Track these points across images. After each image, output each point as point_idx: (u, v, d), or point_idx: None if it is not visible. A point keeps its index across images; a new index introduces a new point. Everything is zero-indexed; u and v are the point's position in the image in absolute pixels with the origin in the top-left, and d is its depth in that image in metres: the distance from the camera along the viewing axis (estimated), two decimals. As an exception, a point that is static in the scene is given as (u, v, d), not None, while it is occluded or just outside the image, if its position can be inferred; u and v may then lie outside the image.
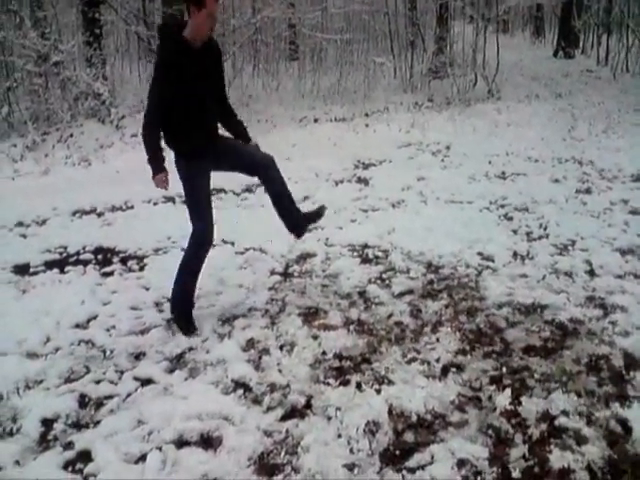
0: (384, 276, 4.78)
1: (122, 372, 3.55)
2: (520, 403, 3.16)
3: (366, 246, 5.38)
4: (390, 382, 3.37)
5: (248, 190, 7.09)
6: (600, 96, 13.00)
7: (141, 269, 4.98)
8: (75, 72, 9.41)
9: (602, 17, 19.37)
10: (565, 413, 3.07)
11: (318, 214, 4.34)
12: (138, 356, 3.73)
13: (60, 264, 5.07)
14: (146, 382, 3.45)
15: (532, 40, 25.31)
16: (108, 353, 3.76)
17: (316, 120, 11.01)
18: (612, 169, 7.78)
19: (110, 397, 3.33)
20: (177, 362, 3.66)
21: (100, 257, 5.22)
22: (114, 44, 14.02)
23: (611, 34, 18.09)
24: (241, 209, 6.50)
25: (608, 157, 8.37)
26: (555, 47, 20.29)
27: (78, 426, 3.12)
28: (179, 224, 5.78)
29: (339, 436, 2.97)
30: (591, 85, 14.72)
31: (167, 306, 4.32)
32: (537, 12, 26.05)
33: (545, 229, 5.73)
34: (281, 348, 3.75)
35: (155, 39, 11.04)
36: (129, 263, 5.08)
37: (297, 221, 4.25)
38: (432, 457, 2.81)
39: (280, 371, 3.51)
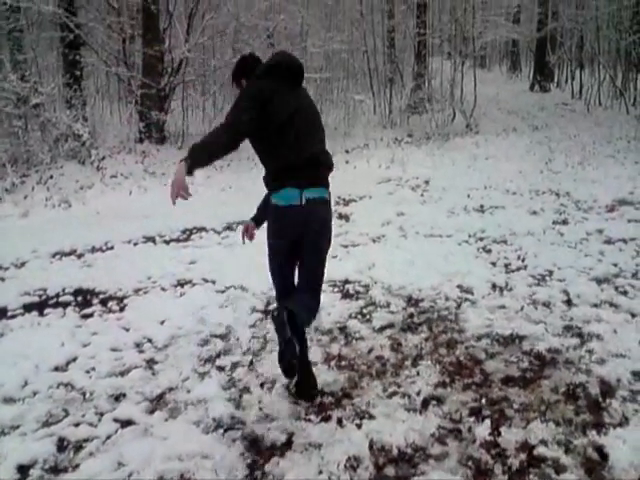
0: (365, 311, 4.81)
1: (102, 414, 3.51)
2: (500, 434, 3.18)
3: (347, 281, 5.41)
4: (371, 416, 3.38)
5: (229, 228, 7.14)
6: (575, 129, 13.30)
7: (121, 310, 4.96)
8: (55, 114, 9.48)
9: (575, 53, 19.90)
10: (544, 442, 3.08)
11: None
12: (118, 397, 3.69)
13: (39, 307, 5.04)
14: (126, 423, 3.41)
15: (509, 75, 25.88)
16: (88, 395, 3.72)
17: (297, 157, 11.11)
18: (588, 200, 7.93)
19: (89, 440, 3.28)
20: (157, 402, 3.63)
21: (80, 299, 5.20)
22: (94, 85, 14.15)
23: (584, 69, 18.57)
24: (222, 247, 6.52)
25: (584, 188, 8.54)
26: (531, 81, 20.78)
27: (56, 471, 3.07)
28: (159, 264, 5.83)
29: (320, 472, 2.95)
30: (566, 118, 15.06)
31: (147, 346, 4.31)
32: (513, 47, 26.72)
33: (523, 260, 5.81)
34: (262, 386, 3.74)
35: (135, 79, 11.17)
36: (109, 304, 5.07)
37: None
38: (413, 491, 2.81)
39: (261, 409, 3.50)
